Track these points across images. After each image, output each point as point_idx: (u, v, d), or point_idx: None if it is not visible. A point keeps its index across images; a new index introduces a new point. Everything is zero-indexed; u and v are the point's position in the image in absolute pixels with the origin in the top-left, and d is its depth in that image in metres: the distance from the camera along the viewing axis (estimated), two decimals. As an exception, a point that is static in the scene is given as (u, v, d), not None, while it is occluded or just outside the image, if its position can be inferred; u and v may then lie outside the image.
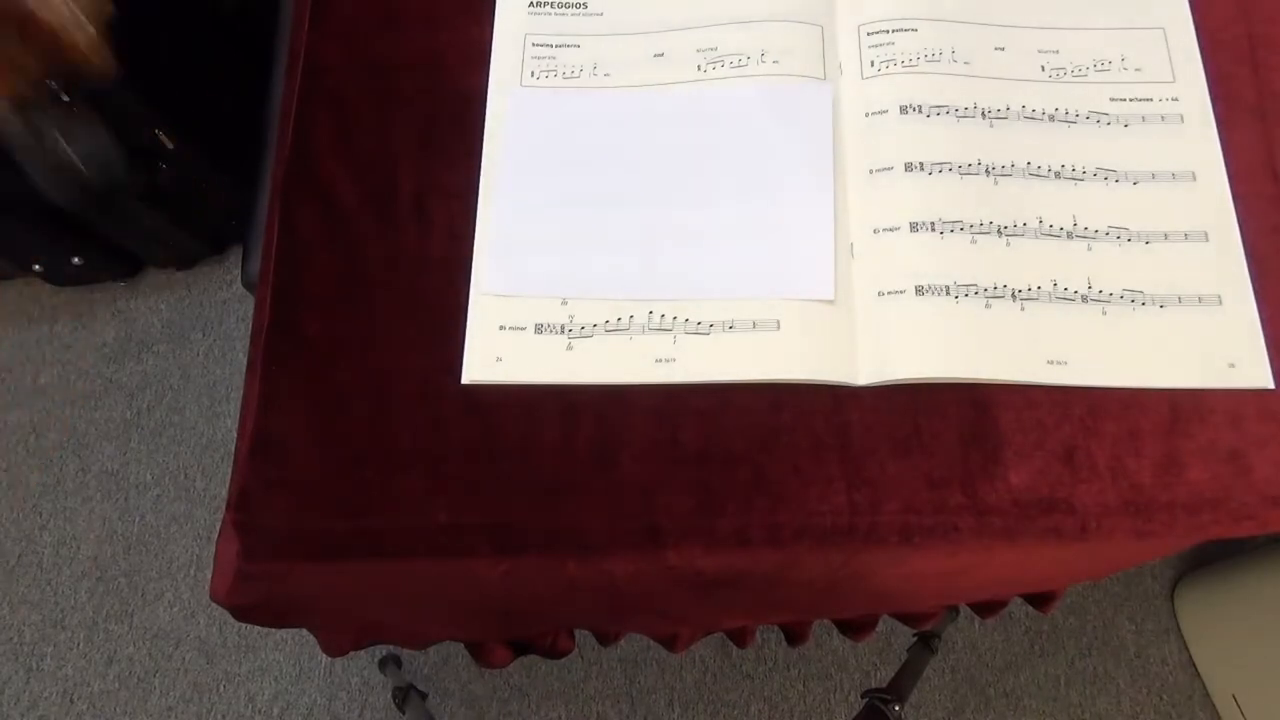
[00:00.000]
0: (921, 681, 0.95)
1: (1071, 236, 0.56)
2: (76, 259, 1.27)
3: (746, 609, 0.86)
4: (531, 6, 0.63)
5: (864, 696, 0.83)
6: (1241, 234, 0.56)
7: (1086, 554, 0.66)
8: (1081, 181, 0.58)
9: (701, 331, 0.54)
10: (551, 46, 0.62)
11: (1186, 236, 0.56)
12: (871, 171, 0.58)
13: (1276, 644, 1.13)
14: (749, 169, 0.58)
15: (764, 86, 0.60)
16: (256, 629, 1.20)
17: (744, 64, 0.60)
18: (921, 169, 0.57)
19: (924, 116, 0.58)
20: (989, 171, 0.57)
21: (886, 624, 1.05)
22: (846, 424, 0.53)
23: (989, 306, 0.54)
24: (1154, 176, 0.58)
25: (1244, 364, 0.54)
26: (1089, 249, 0.56)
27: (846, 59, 0.61)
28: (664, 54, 0.61)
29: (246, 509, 0.52)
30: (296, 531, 0.52)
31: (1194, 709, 1.28)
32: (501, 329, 0.55)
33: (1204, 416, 0.53)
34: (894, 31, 0.61)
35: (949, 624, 0.94)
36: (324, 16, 0.62)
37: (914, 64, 0.60)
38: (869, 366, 0.54)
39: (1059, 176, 0.58)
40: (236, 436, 0.54)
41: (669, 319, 0.55)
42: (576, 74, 0.61)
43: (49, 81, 0.36)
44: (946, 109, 0.59)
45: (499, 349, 0.54)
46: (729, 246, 0.57)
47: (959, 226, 0.56)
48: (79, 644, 1.24)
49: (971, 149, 0.58)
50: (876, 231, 0.56)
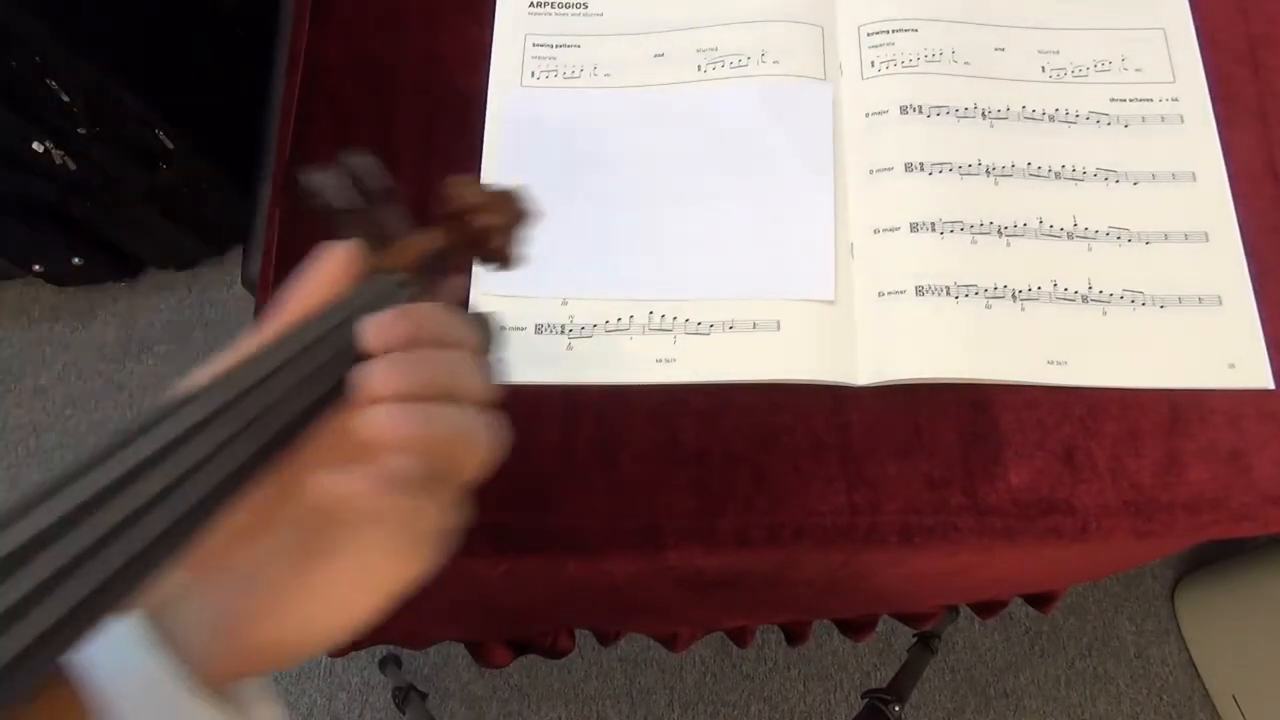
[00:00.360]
0: (922, 682, 0.95)
1: (1072, 237, 0.56)
2: (76, 259, 1.27)
3: (746, 609, 0.86)
4: (531, 6, 0.63)
5: (864, 697, 0.83)
6: (1241, 234, 0.56)
7: (1086, 554, 0.66)
8: (1082, 182, 0.58)
9: (702, 332, 0.54)
10: (551, 47, 0.62)
11: (1186, 237, 0.56)
12: (872, 172, 0.58)
13: (1277, 644, 1.13)
14: (749, 169, 0.58)
15: (764, 86, 0.60)
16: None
17: (744, 64, 0.60)
18: (922, 169, 0.57)
19: (924, 117, 0.58)
20: (989, 172, 0.57)
21: (886, 624, 1.05)
22: (846, 424, 0.53)
23: (989, 307, 0.54)
24: (1154, 177, 0.58)
25: (1244, 364, 0.54)
26: (1089, 249, 0.56)
27: (847, 59, 0.61)
28: (664, 54, 0.61)
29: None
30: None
31: (1194, 709, 1.28)
32: (501, 329, 0.55)
33: (1204, 416, 0.53)
34: (894, 32, 0.61)
35: (949, 624, 0.94)
36: (324, 16, 0.62)
37: (914, 64, 0.60)
38: (869, 367, 0.54)
39: (1059, 177, 0.58)
40: (237, 436, 0.54)
41: (669, 319, 0.55)
42: (576, 74, 0.61)
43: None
44: (947, 109, 0.59)
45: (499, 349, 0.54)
46: (729, 247, 0.57)
47: (959, 227, 0.56)
48: (79, 644, 1.24)
49: (972, 149, 0.58)
50: (877, 232, 0.56)
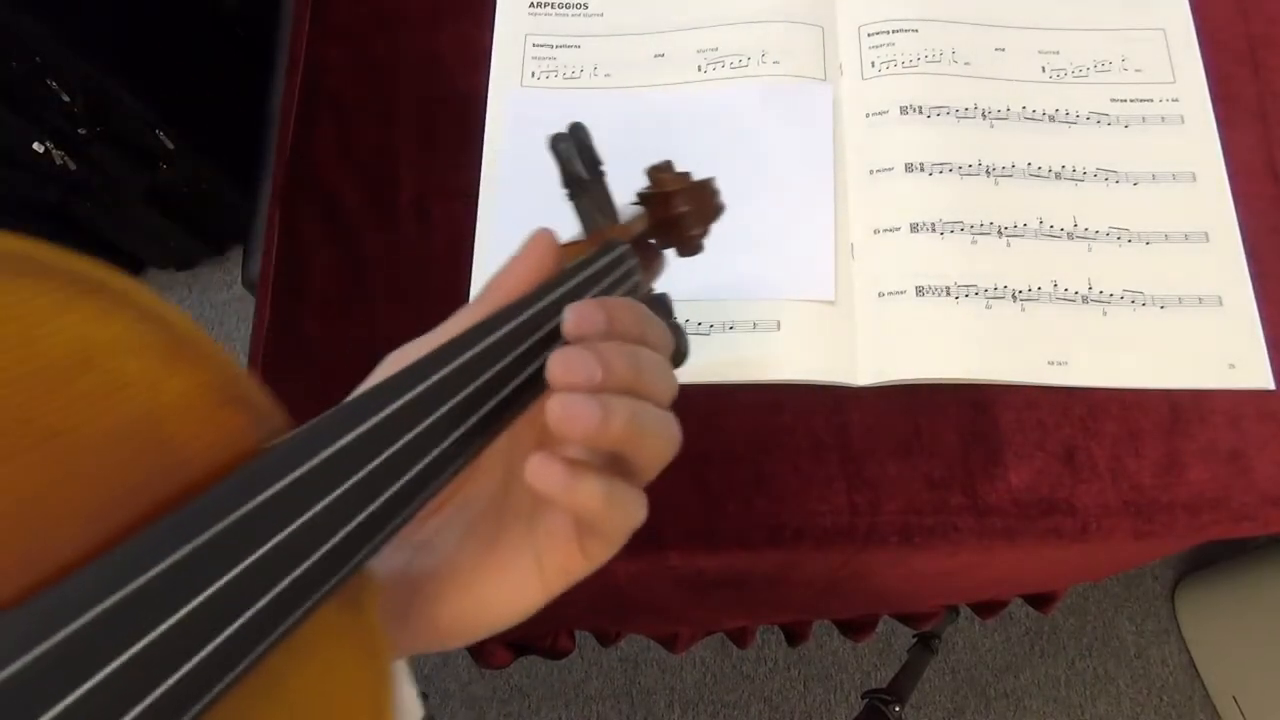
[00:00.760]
0: (922, 682, 0.95)
1: (1072, 237, 0.56)
2: (77, 259, 1.27)
3: (747, 609, 0.86)
4: (532, 7, 0.63)
5: (864, 697, 0.83)
6: (1241, 234, 0.56)
7: (1086, 554, 0.66)
8: (1082, 182, 0.58)
9: (702, 332, 0.54)
10: (552, 47, 0.62)
11: (1187, 237, 0.56)
12: (872, 172, 0.58)
13: (1277, 645, 1.13)
14: (749, 170, 0.58)
15: (764, 87, 0.60)
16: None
17: (744, 64, 0.60)
18: (922, 170, 0.57)
19: (924, 117, 0.58)
20: (989, 172, 0.57)
21: (887, 625, 1.05)
22: (847, 424, 0.53)
23: (989, 307, 0.54)
24: (1154, 177, 0.58)
25: (1244, 364, 0.54)
26: (1089, 249, 0.56)
27: (847, 59, 0.61)
28: (664, 54, 0.61)
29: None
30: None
31: (1194, 710, 1.28)
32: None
33: (1204, 417, 0.53)
34: (894, 32, 0.61)
35: (949, 624, 0.94)
36: (324, 16, 0.62)
37: (914, 64, 0.60)
38: (869, 367, 0.54)
39: (1059, 177, 0.58)
40: (237, 437, 0.54)
41: (669, 319, 0.55)
42: (577, 74, 0.61)
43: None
44: (947, 109, 0.59)
45: (499, 349, 0.54)
46: (729, 247, 0.57)
47: (959, 227, 0.56)
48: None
49: (972, 149, 0.58)
50: (877, 232, 0.56)
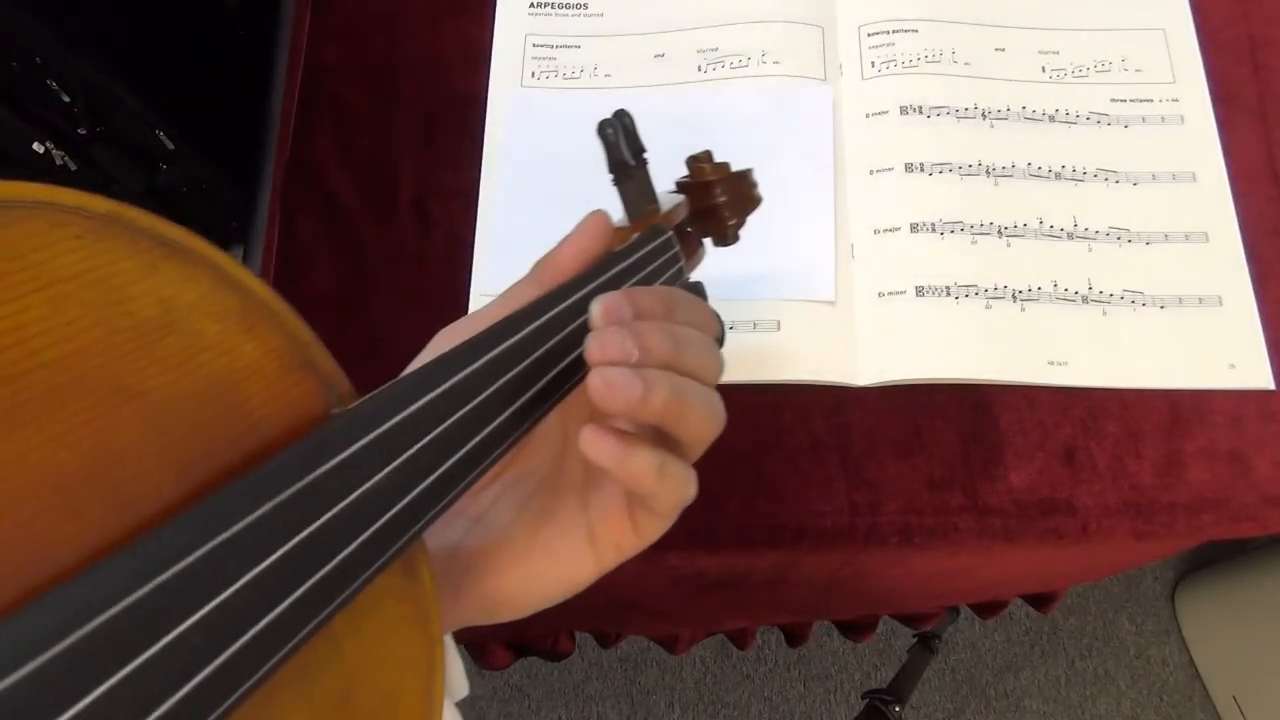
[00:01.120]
0: (922, 682, 0.95)
1: (1072, 237, 0.56)
2: (77, 260, 1.27)
3: (747, 610, 0.86)
4: (532, 7, 0.63)
5: (864, 697, 0.83)
6: (1241, 234, 0.56)
7: (1087, 554, 0.66)
8: (1082, 182, 0.58)
9: (702, 332, 0.54)
10: (552, 47, 0.62)
11: (1187, 237, 0.56)
12: (872, 172, 0.58)
13: (1277, 645, 1.13)
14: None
15: (764, 87, 0.60)
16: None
17: (744, 65, 0.60)
18: (922, 170, 0.57)
19: (924, 117, 0.58)
20: (989, 172, 0.57)
21: (887, 625, 1.05)
22: (847, 424, 0.53)
23: (989, 307, 0.54)
24: (1154, 177, 0.58)
25: (1244, 365, 0.54)
26: (1089, 249, 0.56)
27: (847, 59, 0.61)
28: (664, 54, 0.61)
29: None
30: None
31: (1194, 710, 1.28)
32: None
33: (1204, 417, 0.53)
34: (894, 32, 0.61)
35: (949, 625, 0.94)
36: (324, 16, 0.62)
37: (914, 65, 0.60)
38: (869, 367, 0.54)
39: (1059, 177, 0.58)
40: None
41: (669, 319, 0.55)
42: (577, 75, 0.61)
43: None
44: (947, 110, 0.59)
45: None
46: (729, 247, 0.57)
47: (959, 227, 0.56)
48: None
49: (972, 150, 0.58)
50: (877, 232, 0.56)
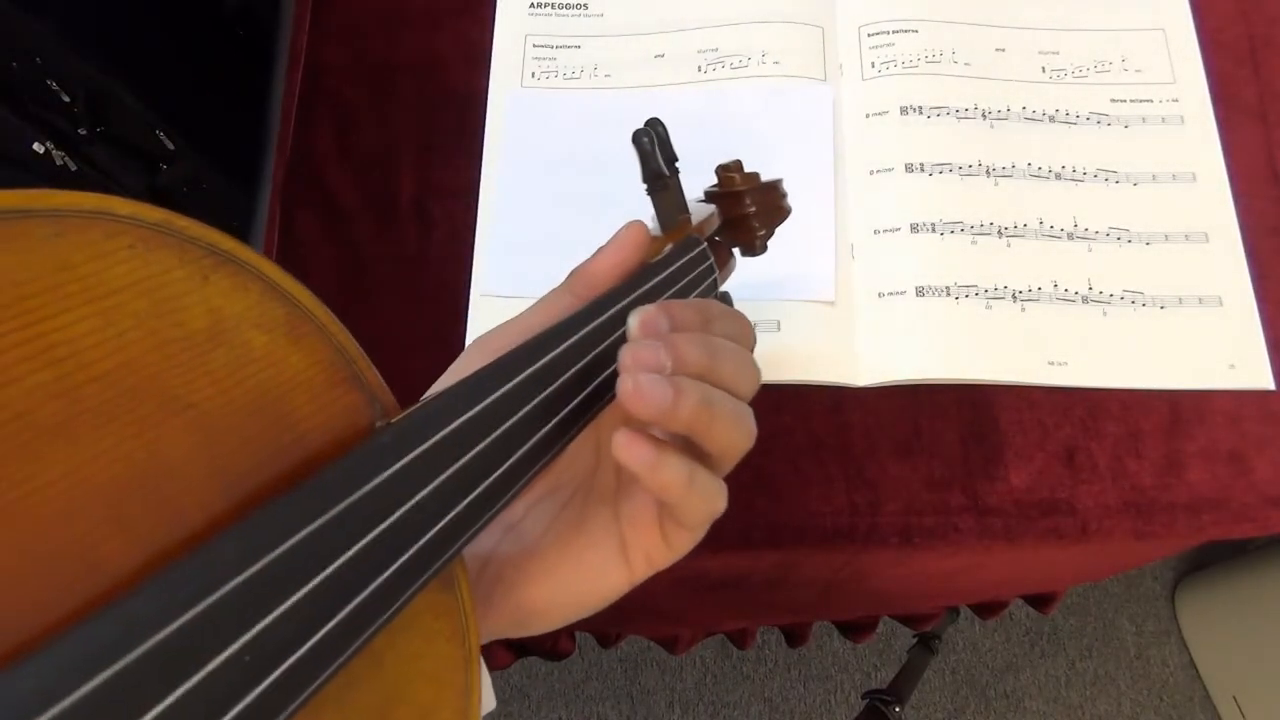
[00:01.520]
0: (922, 682, 0.95)
1: (1072, 237, 0.56)
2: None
3: (747, 610, 0.86)
4: (532, 7, 0.63)
5: (864, 697, 0.83)
6: (1241, 234, 0.56)
7: (1087, 554, 0.66)
8: (1082, 182, 0.58)
9: (702, 332, 0.54)
10: (552, 47, 0.62)
11: (1187, 237, 0.56)
12: (872, 172, 0.58)
13: (1277, 645, 1.13)
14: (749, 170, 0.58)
15: (764, 87, 0.60)
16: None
17: (744, 65, 0.60)
18: (922, 170, 0.57)
19: (924, 117, 0.58)
20: (989, 172, 0.57)
21: (887, 625, 1.05)
22: (847, 425, 0.53)
23: (989, 307, 0.54)
24: (1154, 177, 0.58)
25: (1244, 365, 0.54)
26: (1089, 250, 0.56)
27: (847, 60, 0.61)
28: (664, 55, 0.61)
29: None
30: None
31: (1194, 710, 1.28)
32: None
33: (1204, 417, 0.53)
34: (894, 32, 0.61)
35: (949, 625, 0.94)
36: (324, 16, 0.62)
37: (914, 65, 0.60)
38: (869, 367, 0.54)
39: (1059, 177, 0.58)
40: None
41: (669, 319, 0.55)
42: (577, 75, 0.61)
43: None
44: (947, 110, 0.59)
45: (499, 349, 0.54)
46: (729, 247, 0.57)
47: (959, 227, 0.56)
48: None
49: (972, 150, 0.58)
50: (877, 232, 0.56)
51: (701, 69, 0.60)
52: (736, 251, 0.41)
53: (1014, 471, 0.52)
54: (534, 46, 0.62)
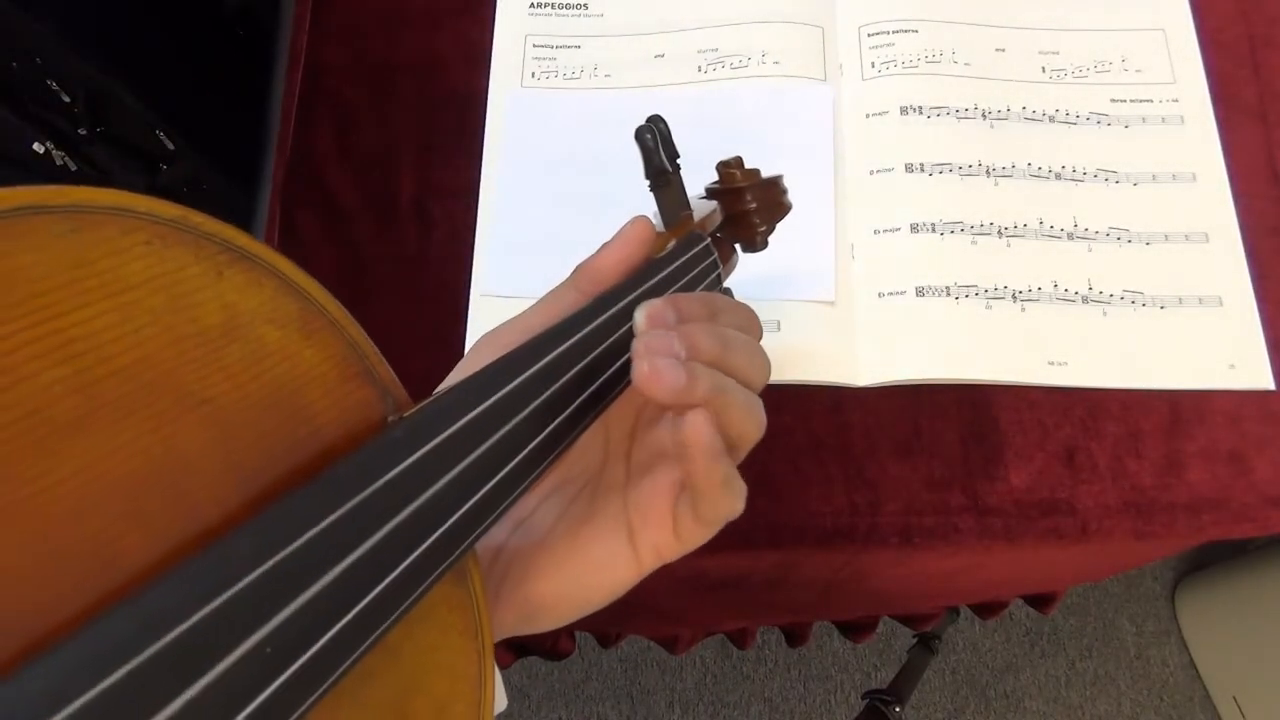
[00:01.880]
0: (922, 682, 0.95)
1: (1072, 237, 0.56)
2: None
3: (747, 610, 0.86)
4: (532, 7, 0.63)
5: (864, 697, 0.83)
6: (1241, 235, 0.56)
7: (1087, 555, 0.66)
8: (1082, 182, 0.58)
9: (702, 332, 0.54)
10: (552, 47, 0.62)
11: (1187, 237, 0.56)
12: (872, 172, 0.58)
13: (1277, 645, 1.13)
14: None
15: (764, 87, 0.60)
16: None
17: (744, 65, 0.60)
18: (922, 170, 0.57)
19: (924, 117, 0.58)
20: (989, 172, 0.57)
21: (887, 625, 1.05)
22: (847, 424, 0.53)
23: (989, 307, 0.54)
24: (1154, 177, 0.58)
25: (1244, 365, 0.54)
26: (1089, 250, 0.56)
27: (847, 60, 0.61)
28: (664, 55, 0.61)
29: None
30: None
31: (1195, 710, 1.28)
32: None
33: (1204, 417, 0.53)
34: (894, 33, 0.61)
35: (949, 625, 0.94)
36: (324, 16, 0.62)
37: (914, 65, 0.60)
38: (869, 367, 0.54)
39: (1059, 177, 0.58)
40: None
41: (669, 319, 0.55)
42: (577, 75, 0.61)
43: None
44: (947, 110, 0.59)
45: (499, 349, 0.54)
46: (729, 247, 0.57)
47: (959, 227, 0.56)
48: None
49: (972, 150, 0.58)
50: (877, 232, 0.56)
51: (701, 69, 0.60)
52: (738, 248, 0.41)
53: (1014, 471, 0.52)
54: (534, 46, 0.62)
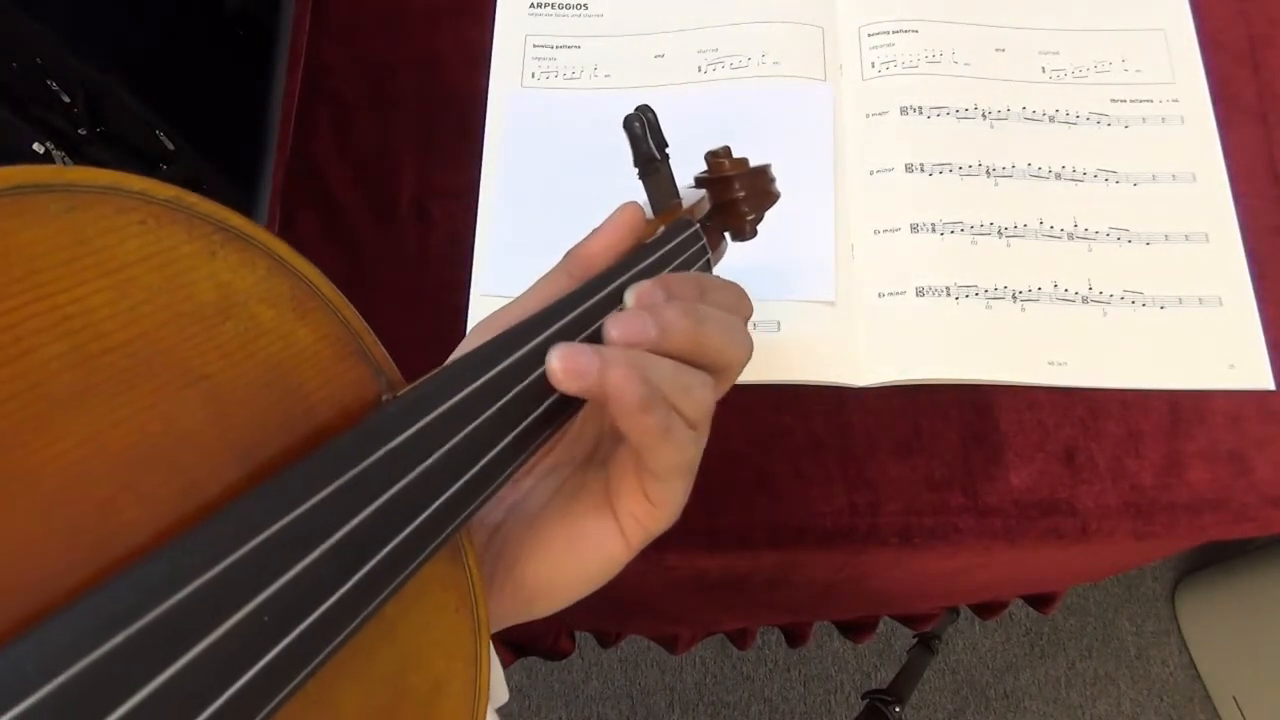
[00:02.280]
0: (922, 683, 0.95)
1: (1072, 237, 0.56)
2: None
3: (747, 610, 0.86)
4: (532, 7, 0.63)
5: (864, 698, 0.83)
6: (1241, 234, 0.56)
7: (1087, 555, 0.66)
8: (1082, 182, 0.58)
9: (702, 332, 0.54)
10: (552, 48, 0.62)
11: (1187, 237, 0.56)
12: (872, 172, 0.58)
13: (1277, 645, 1.13)
14: (749, 170, 0.58)
15: (764, 87, 0.60)
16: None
17: (744, 65, 0.60)
18: (922, 170, 0.57)
19: (924, 118, 0.58)
20: (989, 172, 0.57)
21: (887, 625, 1.05)
22: (847, 424, 0.53)
23: (989, 307, 0.54)
24: (1154, 177, 0.58)
25: (1244, 365, 0.54)
26: (1089, 250, 0.56)
27: (847, 60, 0.61)
28: (664, 55, 0.61)
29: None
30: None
31: (1194, 711, 1.28)
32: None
33: (1204, 417, 0.53)
34: (894, 33, 0.61)
35: (949, 625, 0.94)
36: (324, 16, 0.62)
37: (914, 65, 0.60)
38: (870, 367, 0.54)
39: (1059, 177, 0.58)
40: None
41: (669, 319, 0.55)
42: (577, 75, 0.61)
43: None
44: (947, 110, 0.59)
45: (499, 349, 0.54)
46: (729, 247, 0.57)
47: (959, 227, 0.56)
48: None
49: (972, 150, 0.58)
50: (877, 232, 0.56)
51: (701, 69, 0.60)
52: (727, 236, 0.41)
53: (1014, 472, 0.52)
54: (534, 46, 0.62)
